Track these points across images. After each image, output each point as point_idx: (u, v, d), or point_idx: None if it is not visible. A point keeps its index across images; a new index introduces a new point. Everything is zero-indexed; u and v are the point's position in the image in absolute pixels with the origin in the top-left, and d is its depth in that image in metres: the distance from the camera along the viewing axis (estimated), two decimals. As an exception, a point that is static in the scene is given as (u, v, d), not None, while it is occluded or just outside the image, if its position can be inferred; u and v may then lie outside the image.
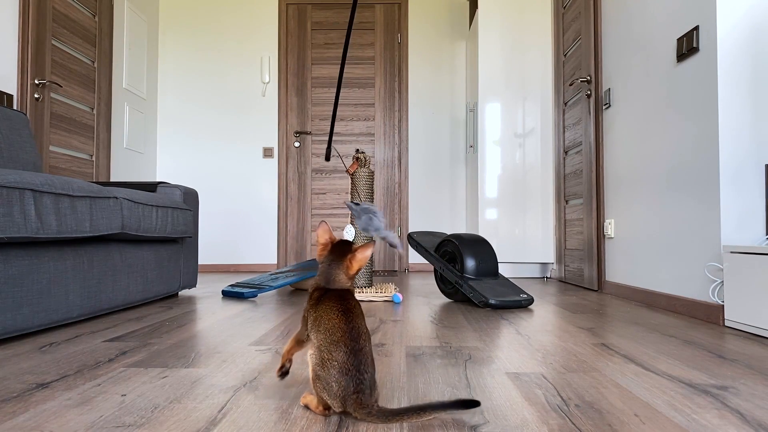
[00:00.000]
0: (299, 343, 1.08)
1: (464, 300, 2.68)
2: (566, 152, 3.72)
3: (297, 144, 4.82)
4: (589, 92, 3.26)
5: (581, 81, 3.33)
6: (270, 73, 4.84)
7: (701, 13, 2.13)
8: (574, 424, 0.93)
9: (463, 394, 1.11)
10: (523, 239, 4.06)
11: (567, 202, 3.71)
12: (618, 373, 1.28)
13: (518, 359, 1.42)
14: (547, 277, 4.08)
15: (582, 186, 3.40)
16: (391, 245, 1.13)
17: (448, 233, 4.65)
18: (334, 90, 4.84)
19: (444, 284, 2.78)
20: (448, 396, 1.09)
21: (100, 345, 1.59)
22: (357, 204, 1.18)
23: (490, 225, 4.08)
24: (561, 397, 1.09)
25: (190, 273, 2.91)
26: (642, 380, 1.22)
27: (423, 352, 1.52)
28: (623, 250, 2.88)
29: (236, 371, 1.29)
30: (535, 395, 1.10)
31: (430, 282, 3.75)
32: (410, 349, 1.55)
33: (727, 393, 1.12)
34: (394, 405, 1.04)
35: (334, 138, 4.83)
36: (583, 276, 3.36)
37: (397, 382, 1.20)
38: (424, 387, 1.16)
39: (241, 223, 4.82)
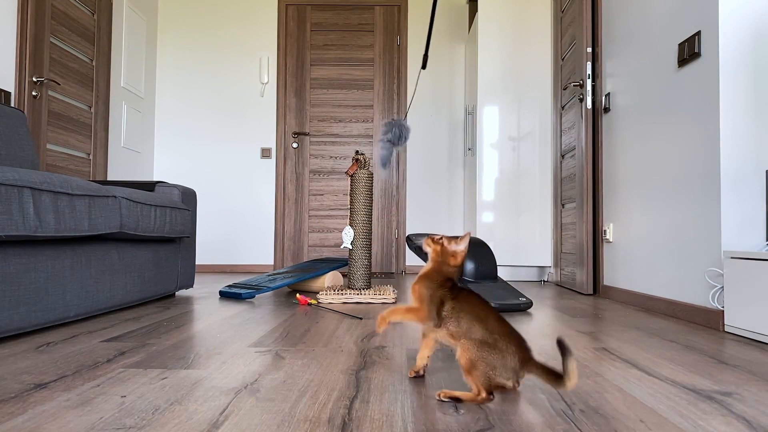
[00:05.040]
0: (415, 314, 1.16)
1: (463, 303, 2.67)
2: (563, 156, 3.72)
3: (295, 145, 4.81)
4: (581, 96, 3.26)
5: (574, 85, 3.33)
6: (269, 74, 4.83)
7: (703, 19, 2.13)
8: (580, 430, 0.92)
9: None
10: (521, 242, 4.06)
11: (563, 206, 3.71)
12: (621, 377, 1.28)
13: (520, 363, 1.41)
14: (543, 281, 4.08)
15: (575, 190, 3.41)
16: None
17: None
18: (334, 91, 4.84)
19: (442, 287, 2.77)
20: (453, 402, 1.08)
21: (98, 345, 1.58)
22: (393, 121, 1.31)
23: (487, 228, 4.08)
24: (565, 402, 1.08)
25: (188, 273, 2.89)
26: (645, 385, 1.21)
27: (424, 355, 1.51)
28: (622, 254, 2.88)
29: (236, 373, 1.28)
30: (539, 400, 1.10)
31: (428, 284, 3.73)
32: (411, 352, 1.54)
33: (732, 399, 1.11)
34: (397, 409, 1.03)
35: (332, 139, 4.82)
36: (575, 280, 3.36)
37: (399, 386, 1.19)
38: (427, 390, 1.15)
39: (239, 223, 4.80)
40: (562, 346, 1.01)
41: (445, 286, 1.16)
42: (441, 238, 1.19)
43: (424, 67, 2.84)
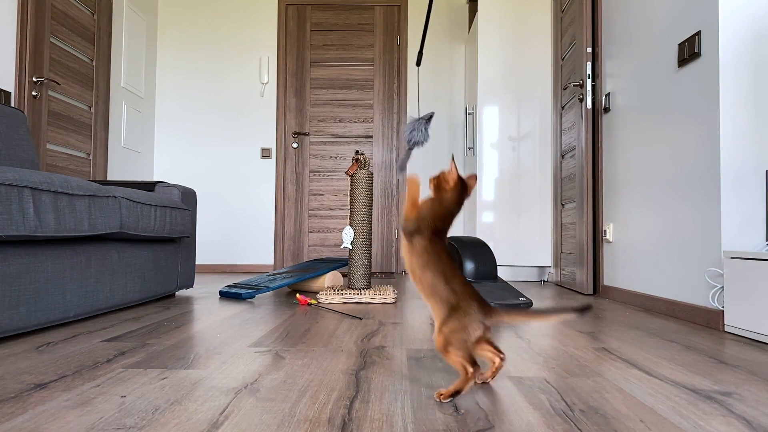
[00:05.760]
0: (411, 207, 1.22)
1: (463, 303, 2.66)
2: (563, 156, 3.72)
3: (295, 145, 4.81)
4: (581, 96, 3.26)
5: (574, 85, 3.33)
6: (269, 74, 4.83)
7: (703, 19, 2.13)
8: (580, 430, 0.92)
9: (468, 397, 1.10)
10: (521, 242, 4.06)
11: (563, 206, 3.71)
12: (621, 377, 1.28)
13: (520, 363, 1.41)
14: (543, 281, 4.08)
15: (575, 190, 3.41)
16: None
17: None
18: (334, 91, 4.84)
19: (442, 287, 2.77)
20: (452, 401, 1.08)
21: (98, 345, 1.58)
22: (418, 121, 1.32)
23: (487, 228, 4.08)
24: (565, 402, 1.08)
25: (188, 273, 2.89)
26: (645, 385, 1.21)
27: (424, 355, 1.51)
28: (623, 254, 2.88)
29: (236, 373, 1.28)
30: (539, 400, 1.10)
31: (428, 284, 3.73)
32: (411, 352, 1.54)
33: (732, 399, 1.11)
34: (397, 409, 1.03)
35: (332, 139, 4.82)
36: (575, 280, 3.36)
37: (399, 386, 1.19)
38: (427, 390, 1.15)
39: (239, 223, 4.80)
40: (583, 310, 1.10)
41: (437, 222, 1.20)
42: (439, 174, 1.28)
43: (418, 64, 2.84)
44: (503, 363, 1.19)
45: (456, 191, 1.21)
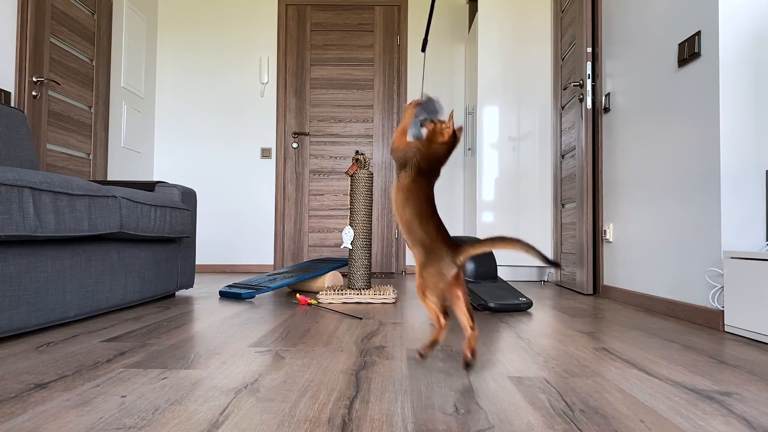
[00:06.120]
0: (399, 134, 1.33)
1: (463, 303, 2.66)
2: (563, 156, 3.72)
3: (295, 145, 4.81)
4: (581, 96, 3.26)
5: (574, 85, 3.33)
6: (269, 74, 4.83)
7: (703, 19, 2.13)
8: (580, 430, 0.92)
9: (468, 397, 1.10)
10: (521, 243, 4.05)
11: (563, 206, 3.71)
12: (620, 377, 1.28)
13: (520, 363, 1.41)
14: (543, 281, 4.08)
15: (575, 190, 3.41)
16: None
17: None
18: (334, 91, 4.84)
19: (442, 287, 2.77)
20: (452, 401, 1.09)
21: (98, 345, 1.58)
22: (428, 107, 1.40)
23: (487, 228, 4.08)
24: (565, 402, 1.08)
25: (188, 273, 2.89)
26: (645, 385, 1.21)
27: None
28: (622, 254, 2.88)
29: (236, 373, 1.28)
30: (539, 400, 1.10)
31: (428, 284, 3.73)
32: (411, 352, 1.54)
33: (732, 399, 1.11)
34: (397, 409, 1.03)
35: (332, 139, 4.82)
36: (575, 280, 3.36)
37: (399, 386, 1.19)
38: (427, 390, 1.15)
39: (239, 223, 4.80)
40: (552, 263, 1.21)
41: (422, 161, 1.29)
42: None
43: (423, 50, 2.86)
44: (474, 334, 1.27)
45: (447, 145, 1.31)
